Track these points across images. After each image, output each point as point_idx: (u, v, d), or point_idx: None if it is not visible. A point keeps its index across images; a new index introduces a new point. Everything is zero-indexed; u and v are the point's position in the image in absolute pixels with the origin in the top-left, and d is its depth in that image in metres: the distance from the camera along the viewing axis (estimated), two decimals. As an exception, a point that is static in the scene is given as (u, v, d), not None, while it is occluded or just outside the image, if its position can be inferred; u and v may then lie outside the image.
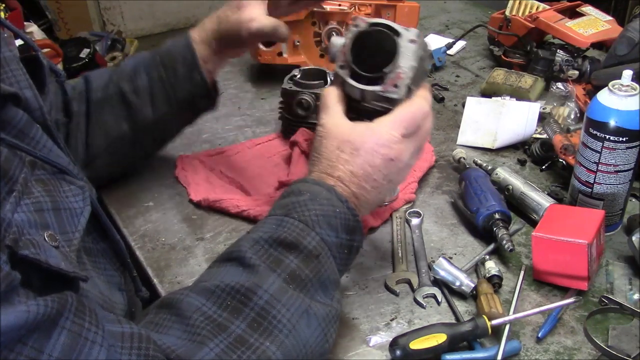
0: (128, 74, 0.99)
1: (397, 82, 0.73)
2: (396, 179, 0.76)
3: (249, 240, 0.67)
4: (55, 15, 2.82)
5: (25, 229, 0.52)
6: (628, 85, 0.87)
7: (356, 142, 0.72)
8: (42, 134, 0.63)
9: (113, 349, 0.50)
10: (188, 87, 0.98)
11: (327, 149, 0.73)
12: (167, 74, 0.98)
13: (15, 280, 0.46)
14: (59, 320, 0.48)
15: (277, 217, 0.69)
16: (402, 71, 0.73)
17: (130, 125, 1.00)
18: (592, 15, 1.37)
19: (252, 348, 0.58)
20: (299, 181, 0.73)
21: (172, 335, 0.59)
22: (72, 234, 0.61)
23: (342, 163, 0.72)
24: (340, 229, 0.69)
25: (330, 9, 1.38)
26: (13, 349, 0.44)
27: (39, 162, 0.60)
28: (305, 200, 0.69)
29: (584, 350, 0.77)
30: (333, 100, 0.76)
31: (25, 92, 0.65)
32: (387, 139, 0.72)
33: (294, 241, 0.66)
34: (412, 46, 0.74)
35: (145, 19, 2.30)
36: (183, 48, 0.98)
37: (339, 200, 0.70)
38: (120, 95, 0.99)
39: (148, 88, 0.98)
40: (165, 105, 0.99)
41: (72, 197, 0.63)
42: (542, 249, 0.85)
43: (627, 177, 0.90)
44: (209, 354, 0.57)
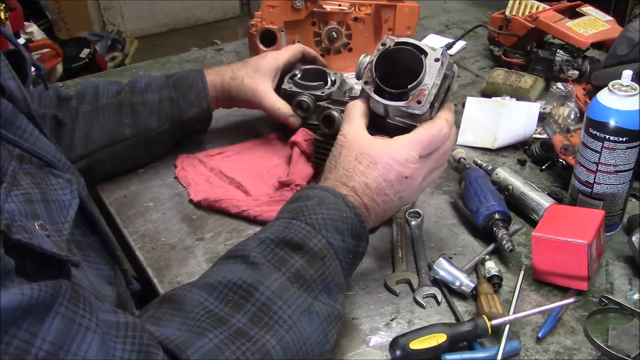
0: (141, 88, 1.07)
1: (420, 99, 0.75)
2: (407, 198, 0.79)
3: (255, 240, 0.69)
4: (55, 15, 2.82)
5: (17, 217, 0.53)
6: (628, 85, 0.87)
7: (374, 155, 0.75)
8: (28, 123, 0.63)
9: (107, 336, 0.51)
10: (194, 111, 1.08)
11: (345, 158, 0.76)
12: (177, 96, 1.07)
13: (9, 265, 0.47)
14: (53, 305, 0.48)
15: (284, 219, 0.71)
16: (425, 88, 0.75)
17: (132, 132, 1.05)
18: (592, 15, 1.37)
19: (251, 340, 0.59)
20: (307, 187, 0.76)
21: (172, 327, 0.60)
22: (62, 224, 0.61)
23: (358, 174, 0.75)
24: (347, 234, 0.71)
25: (330, 9, 1.38)
26: (7, 331, 0.44)
27: (27, 156, 0.61)
28: (313, 205, 0.71)
29: (584, 350, 0.77)
30: (357, 113, 0.79)
31: (8, 82, 0.66)
32: (404, 157, 0.75)
33: (300, 242, 0.67)
34: (437, 64, 0.76)
35: (145, 19, 2.29)
36: (195, 79, 1.08)
37: (347, 206, 0.72)
38: (129, 104, 1.05)
39: (157, 104, 1.06)
40: (168, 122, 1.07)
41: (60, 190, 0.64)
42: (542, 249, 0.85)
43: (627, 177, 0.90)
44: (208, 344, 0.57)
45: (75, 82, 1.50)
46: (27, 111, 0.67)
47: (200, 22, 4.61)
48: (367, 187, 0.75)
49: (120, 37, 3.64)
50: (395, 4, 1.42)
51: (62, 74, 2.89)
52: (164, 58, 1.60)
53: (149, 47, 4.05)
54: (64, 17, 3.72)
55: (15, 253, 0.48)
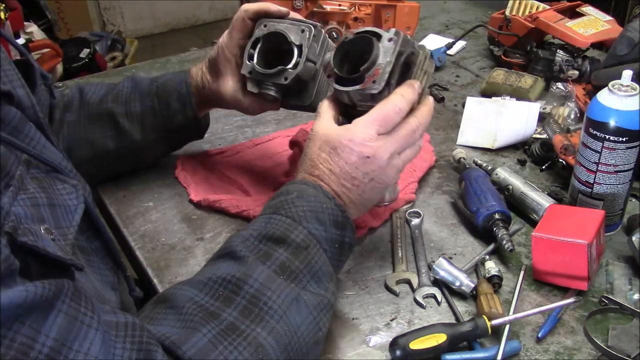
0: (124, 97, 1.01)
1: (375, 78, 0.75)
2: (379, 178, 0.76)
3: (239, 237, 0.71)
4: (55, 15, 2.82)
5: (23, 220, 0.53)
6: (628, 85, 0.87)
7: (334, 141, 0.75)
8: (36, 131, 0.64)
9: (108, 336, 0.52)
10: (179, 120, 1.00)
11: (310, 150, 0.77)
12: (160, 106, 1.00)
13: (14, 265, 0.47)
14: (55, 302, 0.49)
15: (265, 215, 0.73)
16: (379, 67, 0.75)
17: (117, 144, 1.02)
18: (592, 15, 1.37)
19: (243, 335, 0.61)
20: (288, 183, 0.77)
21: (166, 325, 0.61)
22: (67, 229, 0.62)
23: (321, 162, 0.76)
24: (328, 224, 0.72)
25: (330, 9, 1.39)
26: (11, 327, 0.45)
27: (34, 161, 0.61)
28: (293, 199, 0.73)
29: (584, 350, 0.77)
30: (324, 108, 0.80)
31: (17, 90, 0.66)
32: (361, 137, 0.75)
33: (282, 235, 0.69)
34: (389, 44, 0.76)
35: (145, 19, 2.29)
36: (180, 83, 0.99)
37: (326, 197, 0.73)
38: (111, 115, 1.01)
39: (140, 115, 1.00)
40: (154, 133, 1.02)
41: (66, 194, 0.64)
42: (542, 249, 0.85)
43: (627, 177, 0.90)
44: (202, 340, 0.59)
45: (75, 82, 1.50)
46: (35, 119, 0.68)
47: (200, 22, 4.62)
48: (331, 173, 0.75)
49: (120, 37, 3.65)
50: (395, 4, 1.42)
51: (62, 74, 2.89)
52: (164, 58, 1.60)
53: (149, 47, 4.05)
54: (64, 17, 3.72)
55: (20, 255, 0.49)
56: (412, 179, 1.06)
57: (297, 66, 0.89)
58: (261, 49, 0.91)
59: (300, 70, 0.88)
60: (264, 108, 0.99)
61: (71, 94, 1.05)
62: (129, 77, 1.05)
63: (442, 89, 1.40)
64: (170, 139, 1.05)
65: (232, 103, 0.97)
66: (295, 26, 0.90)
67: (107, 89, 1.04)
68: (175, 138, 1.06)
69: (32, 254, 0.52)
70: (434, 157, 1.13)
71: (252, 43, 0.92)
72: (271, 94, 0.91)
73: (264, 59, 0.91)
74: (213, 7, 4.61)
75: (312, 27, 0.90)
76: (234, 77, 0.95)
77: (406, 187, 1.04)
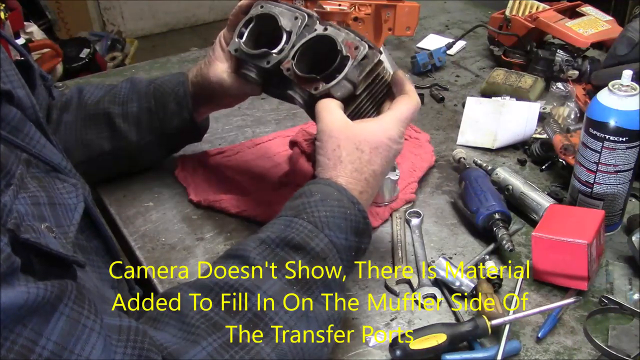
0: (121, 98, 1.01)
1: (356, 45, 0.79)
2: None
3: (255, 240, 0.68)
4: (55, 15, 2.82)
5: (25, 218, 0.53)
6: (628, 85, 0.87)
7: (373, 141, 0.74)
8: (36, 131, 0.64)
9: (109, 340, 0.51)
10: (176, 122, 1.00)
11: (346, 150, 0.73)
12: (156, 107, 0.99)
13: (15, 263, 0.47)
14: (58, 305, 0.49)
15: (286, 217, 0.70)
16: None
17: (113, 145, 1.01)
18: (592, 15, 1.37)
19: (245, 348, 0.59)
20: (312, 182, 0.73)
21: (168, 332, 0.60)
22: (68, 227, 0.62)
23: (364, 164, 0.73)
24: (349, 232, 0.69)
25: (330, 9, 1.38)
26: (13, 329, 0.45)
27: (34, 161, 0.61)
28: (316, 201, 0.69)
29: (584, 350, 0.77)
30: (333, 105, 0.77)
31: (17, 90, 0.66)
32: (397, 134, 0.76)
33: (302, 242, 0.66)
34: (297, 22, 0.85)
35: (145, 19, 2.29)
36: (177, 85, 0.98)
37: (350, 202, 0.70)
38: (107, 116, 1.00)
39: (136, 116, 1.00)
40: (150, 135, 1.01)
41: (66, 193, 0.64)
42: (542, 249, 0.85)
43: (627, 177, 0.90)
44: (201, 353, 0.57)
45: (75, 82, 1.50)
46: (34, 119, 0.67)
47: (200, 22, 4.61)
48: (375, 175, 0.74)
49: (120, 37, 3.64)
50: (395, 4, 1.42)
51: (62, 74, 2.89)
52: (164, 58, 1.60)
53: (149, 47, 4.05)
54: (64, 17, 3.72)
55: (22, 252, 0.49)
56: (412, 179, 1.06)
57: (282, 52, 0.85)
58: (253, 29, 0.89)
59: (283, 57, 0.85)
60: (244, 91, 0.94)
61: (70, 95, 1.05)
62: (127, 79, 1.04)
63: (442, 89, 1.40)
64: (167, 141, 1.04)
65: (216, 86, 0.93)
66: (291, 12, 0.88)
67: (105, 91, 1.04)
68: (172, 140, 1.05)
69: (34, 251, 0.52)
70: (434, 157, 1.13)
71: (245, 22, 0.90)
72: (251, 75, 0.89)
73: (254, 41, 0.89)
74: (213, 7, 4.61)
75: (306, 15, 0.88)
76: (224, 63, 0.94)
77: (406, 187, 1.04)
